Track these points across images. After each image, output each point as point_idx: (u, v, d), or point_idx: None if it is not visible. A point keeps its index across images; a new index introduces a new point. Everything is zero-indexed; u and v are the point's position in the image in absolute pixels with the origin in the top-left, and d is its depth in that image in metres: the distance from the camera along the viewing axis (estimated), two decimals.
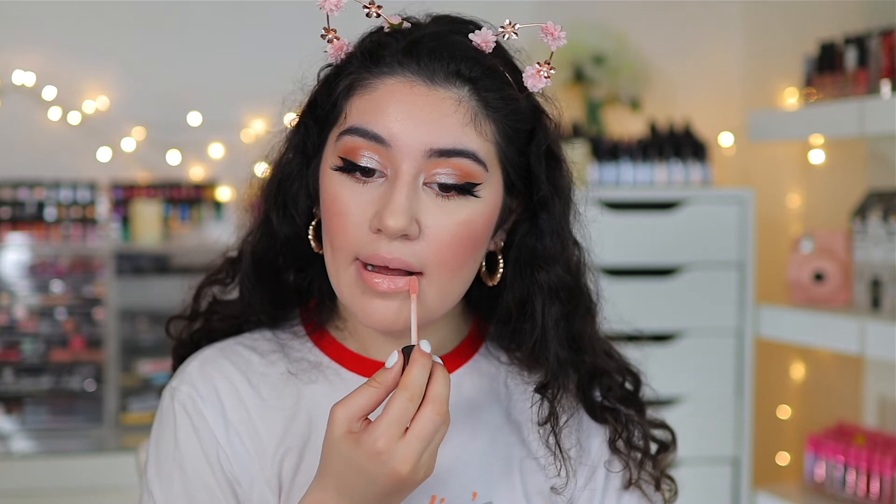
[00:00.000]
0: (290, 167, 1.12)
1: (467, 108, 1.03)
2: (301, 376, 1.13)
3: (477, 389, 1.16)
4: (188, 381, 1.13)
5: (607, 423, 1.16)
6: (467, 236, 1.04)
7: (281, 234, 1.13)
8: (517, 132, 1.07)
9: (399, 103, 1.02)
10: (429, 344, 0.97)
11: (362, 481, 0.94)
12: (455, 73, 1.03)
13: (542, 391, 1.11)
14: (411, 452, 0.93)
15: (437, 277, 1.04)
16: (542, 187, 1.09)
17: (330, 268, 1.07)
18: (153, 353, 3.13)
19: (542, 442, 1.11)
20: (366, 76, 1.05)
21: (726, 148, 3.34)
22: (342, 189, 1.04)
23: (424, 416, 0.94)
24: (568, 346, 1.12)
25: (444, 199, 1.03)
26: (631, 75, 3.17)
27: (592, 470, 1.16)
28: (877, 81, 2.49)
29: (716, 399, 2.85)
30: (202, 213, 3.26)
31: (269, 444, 1.10)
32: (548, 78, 1.05)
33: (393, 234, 1.00)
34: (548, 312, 1.11)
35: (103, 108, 3.21)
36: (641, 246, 2.81)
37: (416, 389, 0.94)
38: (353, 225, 1.03)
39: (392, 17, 1.07)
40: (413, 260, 1.02)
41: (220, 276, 1.21)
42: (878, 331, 2.39)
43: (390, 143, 1.02)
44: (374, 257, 1.02)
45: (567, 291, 1.12)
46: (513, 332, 1.14)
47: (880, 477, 2.45)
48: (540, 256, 1.11)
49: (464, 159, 1.02)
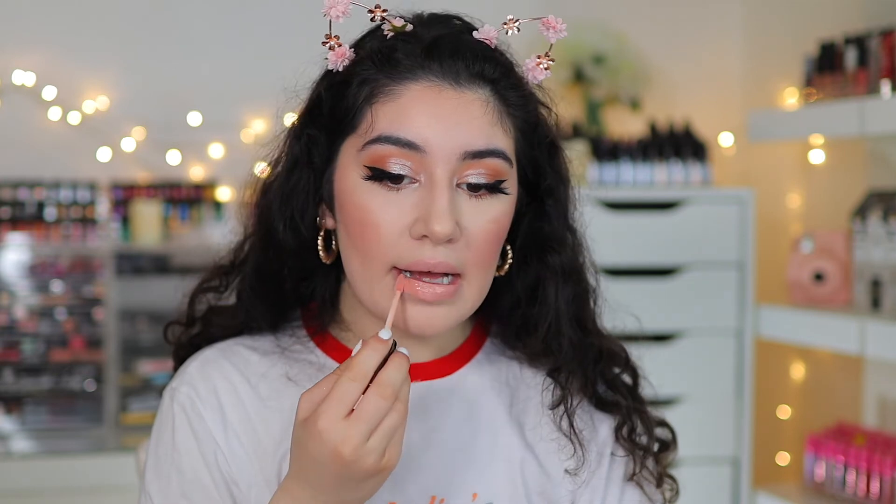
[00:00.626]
0: (294, 178, 1.10)
1: (494, 108, 1.04)
2: (302, 379, 1.13)
3: (479, 389, 1.16)
4: (188, 381, 1.13)
5: (612, 411, 1.17)
6: (498, 232, 1.06)
7: (287, 246, 1.12)
8: (530, 126, 1.09)
9: (429, 108, 1.02)
10: (389, 332, 0.96)
11: (313, 464, 0.94)
12: (479, 74, 1.04)
13: (555, 375, 1.13)
14: (353, 433, 0.91)
15: (475, 276, 1.05)
16: (547, 176, 1.12)
17: (360, 279, 1.06)
18: (153, 353, 3.13)
19: (556, 426, 1.12)
20: (386, 82, 1.04)
21: (726, 148, 3.34)
22: (372, 198, 1.03)
23: (367, 399, 0.92)
24: (579, 328, 1.15)
25: (476, 199, 1.04)
26: (631, 75, 3.17)
27: (600, 456, 1.16)
28: (877, 81, 2.49)
29: (716, 399, 2.85)
30: (202, 213, 3.26)
31: (268, 444, 1.10)
32: (547, 69, 1.07)
33: (441, 239, 1.01)
34: (560, 294, 1.13)
35: (103, 108, 3.21)
36: (641, 246, 2.81)
37: (359, 371, 0.93)
38: (389, 234, 1.02)
39: (395, 20, 1.06)
40: (455, 262, 1.03)
41: (213, 283, 1.20)
42: (878, 331, 2.39)
43: (424, 149, 1.02)
44: (416, 264, 1.02)
45: (576, 274, 1.14)
46: (522, 322, 1.15)
47: (880, 477, 2.45)
48: (550, 240, 1.13)
49: (495, 159, 1.04)
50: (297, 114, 1.12)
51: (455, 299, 1.04)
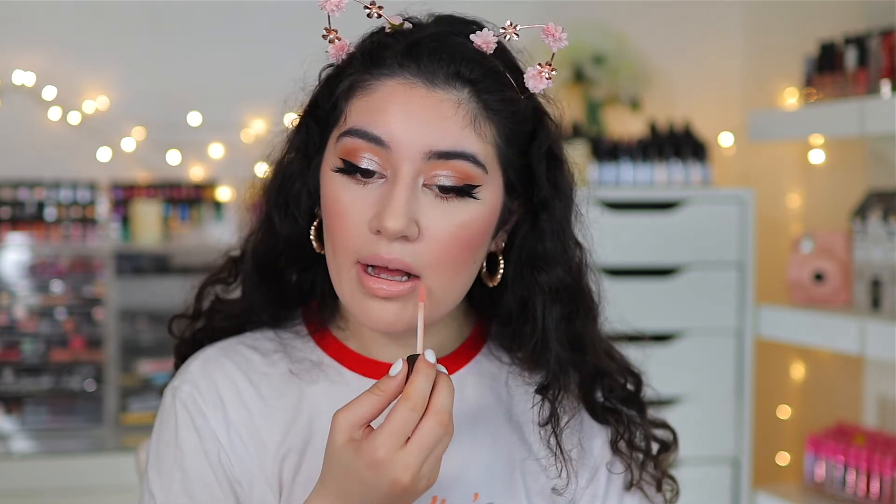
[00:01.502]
0: (291, 167, 1.12)
1: (467, 110, 1.03)
2: (303, 376, 1.13)
3: (479, 390, 1.15)
4: (190, 380, 1.13)
5: (609, 424, 1.16)
6: (466, 238, 1.04)
7: (283, 233, 1.13)
8: (518, 134, 1.07)
9: (399, 105, 1.02)
10: (433, 354, 0.96)
11: (362, 489, 0.94)
12: (455, 74, 1.03)
13: (543, 392, 1.11)
14: (412, 462, 0.93)
15: (435, 279, 1.04)
16: (542, 188, 1.09)
17: (331, 269, 1.07)
18: (153, 353, 3.13)
19: (544, 443, 1.11)
20: (366, 77, 1.05)
21: (726, 148, 3.34)
22: (342, 190, 1.04)
23: (426, 427, 0.94)
24: (569, 346, 1.12)
25: (443, 201, 1.03)
26: (631, 75, 3.17)
27: (594, 471, 1.16)
28: (877, 81, 2.49)
29: (716, 399, 2.85)
30: (202, 213, 3.25)
31: (270, 444, 1.10)
32: (549, 79, 1.04)
33: (392, 235, 1.00)
34: (548, 314, 1.10)
35: (103, 108, 3.21)
36: (641, 246, 2.81)
37: (418, 399, 0.94)
38: (354, 226, 1.03)
39: (393, 18, 1.06)
40: (412, 261, 1.02)
41: (222, 275, 1.21)
42: (878, 331, 2.39)
43: (390, 145, 1.02)
44: (373, 258, 1.02)
45: (568, 293, 1.12)
46: (514, 333, 1.14)
47: (880, 477, 2.45)
48: (540, 258, 1.11)
49: (463, 161, 1.02)
50: (301, 107, 1.13)
51: (407, 299, 1.03)
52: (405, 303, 1.03)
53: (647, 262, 2.82)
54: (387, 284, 1.02)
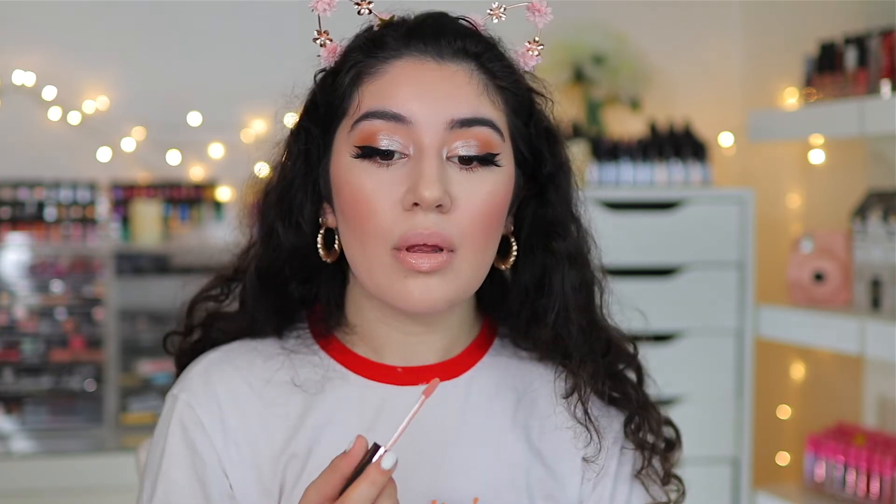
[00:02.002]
0: (293, 176, 1.11)
1: (478, 80, 1.06)
2: (307, 384, 1.12)
3: (485, 393, 1.15)
4: (188, 388, 1.12)
5: (621, 406, 1.17)
6: (494, 207, 1.06)
7: (287, 244, 1.12)
8: (522, 105, 1.10)
9: (412, 80, 1.04)
10: (394, 460, 0.92)
11: None
12: (462, 49, 1.06)
13: (567, 362, 1.12)
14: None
15: (470, 251, 1.05)
16: (547, 162, 1.12)
17: (361, 264, 1.06)
18: (153, 353, 3.13)
19: (570, 414, 1.12)
20: (372, 62, 1.06)
21: (726, 148, 3.34)
22: (364, 176, 1.04)
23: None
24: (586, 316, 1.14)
25: (468, 172, 1.04)
26: (631, 75, 3.17)
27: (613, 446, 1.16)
28: (877, 81, 2.49)
29: (716, 399, 2.85)
30: (202, 213, 3.26)
31: (269, 450, 1.10)
32: (538, 55, 1.10)
33: (430, 204, 1.01)
34: (567, 281, 1.12)
35: (103, 108, 3.21)
36: (641, 246, 2.81)
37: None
38: (384, 208, 1.03)
39: (382, 14, 1.09)
40: (449, 232, 1.03)
41: (213, 292, 1.20)
42: (878, 331, 2.39)
43: (410, 120, 1.03)
44: (410, 236, 1.02)
45: (582, 259, 1.14)
46: (531, 314, 1.14)
47: (880, 477, 2.45)
48: (554, 224, 1.13)
49: (483, 128, 1.04)
50: (296, 114, 1.13)
51: (448, 271, 1.04)
52: (444, 277, 1.04)
53: (646, 262, 2.82)
54: (427, 258, 1.02)
